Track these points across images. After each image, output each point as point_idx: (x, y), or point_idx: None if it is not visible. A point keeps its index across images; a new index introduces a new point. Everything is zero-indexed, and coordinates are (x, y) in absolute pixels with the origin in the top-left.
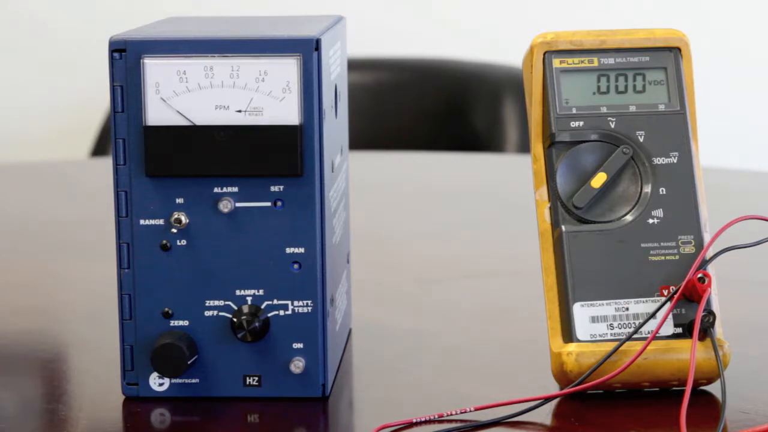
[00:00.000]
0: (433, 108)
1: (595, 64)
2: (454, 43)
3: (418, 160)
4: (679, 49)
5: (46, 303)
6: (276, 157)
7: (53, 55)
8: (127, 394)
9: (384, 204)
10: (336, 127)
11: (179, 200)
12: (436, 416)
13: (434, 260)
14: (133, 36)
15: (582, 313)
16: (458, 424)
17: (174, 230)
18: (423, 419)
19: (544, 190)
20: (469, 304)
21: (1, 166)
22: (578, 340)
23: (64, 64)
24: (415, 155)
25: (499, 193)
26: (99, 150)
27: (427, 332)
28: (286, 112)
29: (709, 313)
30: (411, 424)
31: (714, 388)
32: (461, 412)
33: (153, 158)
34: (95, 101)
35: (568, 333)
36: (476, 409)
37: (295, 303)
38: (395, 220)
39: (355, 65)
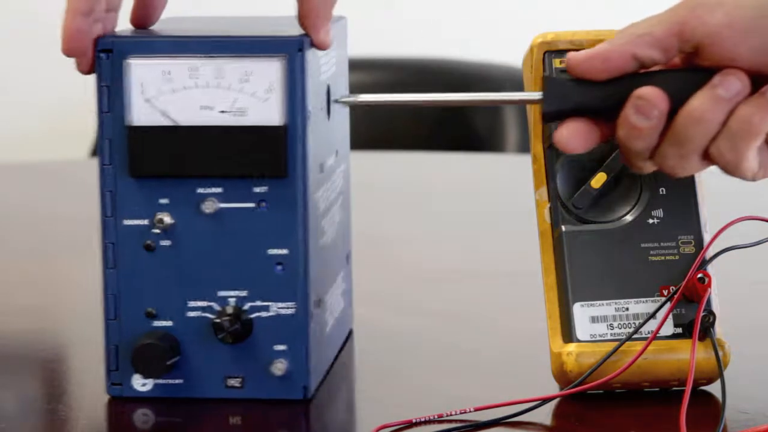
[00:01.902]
0: (433, 108)
1: None
2: (454, 43)
3: (418, 160)
4: None
5: (46, 303)
6: (260, 157)
7: (54, 54)
8: (111, 393)
9: (384, 204)
10: (328, 127)
11: (163, 201)
12: (436, 416)
13: (434, 260)
14: (119, 36)
15: (582, 313)
16: (458, 424)
17: (157, 230)
18: (423, 419)
19: (544, 190)
20: (469, 304)
21: (1, 165)
22: (578, 340)
23: (64, 63)
24: (415, 155)
25: (499, 193)
26: None
27: (427, 332)
28: (269, 112)
29: (709, 313)
30: (411, 424)
31: (714, 388)
32: (461, 412)
33: (137, 158)
34: (95, 101)
35: (568, 333)
36: (476, 410)
37: (278, 304)
38: (395, 220)
39: (355, 65)
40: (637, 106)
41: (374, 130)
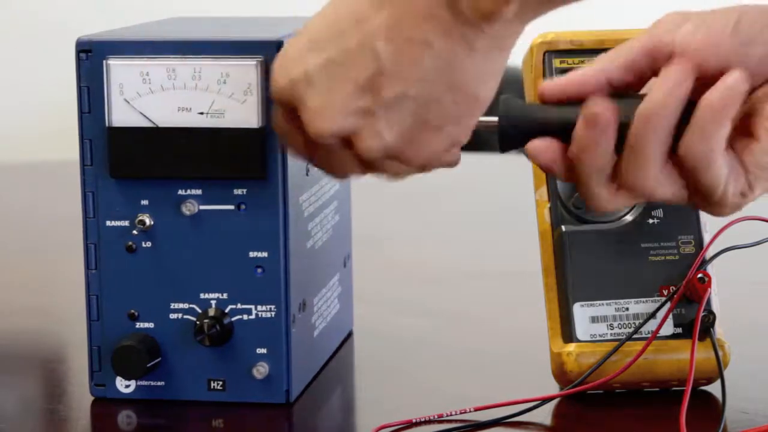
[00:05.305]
0: None
1: None
2: None
3: None
4: None
5: (46, 303)
6: (238, 160)
7: (55, 54)
8: (95, 394)
9: (384, 204)
10: None
11: (144, 202)
12: (436, 416)
13: (434, 260)
14: (98, 37)
15: (582, 313)
16: (458, 424)
17: (136, 232)
18: (423, 419)
19: (544, 190)
20: (469, 304)
21: (1, 165)
22: (578, 340)
23: (65, 63)
24: None
25: (499, 193)
26: None
27: (427, 332)
28: (247, 115)
29: (709, 313)
30: (411, 424)
31: (714, 388)
32: (461, 412)
33: (117, 159)
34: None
35: (568, 333)
36: (476, 410)
37: (259, 308)
38: (395, 220)
39: None
40: (586, 116)
41: None
